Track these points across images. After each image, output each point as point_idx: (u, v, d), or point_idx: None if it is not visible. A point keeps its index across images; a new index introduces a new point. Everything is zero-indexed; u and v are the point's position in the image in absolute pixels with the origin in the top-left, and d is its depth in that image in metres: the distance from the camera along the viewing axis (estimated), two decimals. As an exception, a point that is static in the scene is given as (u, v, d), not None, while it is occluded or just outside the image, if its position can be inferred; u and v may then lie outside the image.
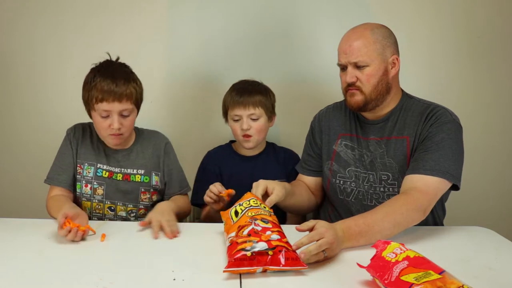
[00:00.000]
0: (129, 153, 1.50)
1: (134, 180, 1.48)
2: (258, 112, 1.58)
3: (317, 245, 0.99)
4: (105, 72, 1.38)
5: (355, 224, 1.11)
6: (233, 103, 1.58)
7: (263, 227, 1.00)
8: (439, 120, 1.29)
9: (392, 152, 1.35)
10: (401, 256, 0.88)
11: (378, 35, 1.31)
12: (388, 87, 1.34)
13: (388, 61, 1.33)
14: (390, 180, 1.35)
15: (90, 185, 1.46)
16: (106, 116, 1.37)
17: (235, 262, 0.92)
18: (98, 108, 1.36)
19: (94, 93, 1.35)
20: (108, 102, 1.35)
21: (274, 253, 0.93)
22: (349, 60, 1.31)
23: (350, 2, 1.90)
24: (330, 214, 1.50)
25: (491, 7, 1.88)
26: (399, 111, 1.38)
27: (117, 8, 1.94)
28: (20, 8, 1.96)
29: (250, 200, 1.13)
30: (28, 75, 2.00)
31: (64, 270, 0.99)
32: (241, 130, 1.58)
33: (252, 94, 1.58)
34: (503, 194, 1.98)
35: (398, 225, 1.14)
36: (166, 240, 1.19)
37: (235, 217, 1.09)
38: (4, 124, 2.04)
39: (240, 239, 0.98)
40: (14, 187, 2.03)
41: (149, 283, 0.93)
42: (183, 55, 1.96)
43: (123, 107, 1.37)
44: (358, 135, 1.43)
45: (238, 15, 1.93)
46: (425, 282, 0.79)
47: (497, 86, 1.93)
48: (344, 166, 1.43)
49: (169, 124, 1.98)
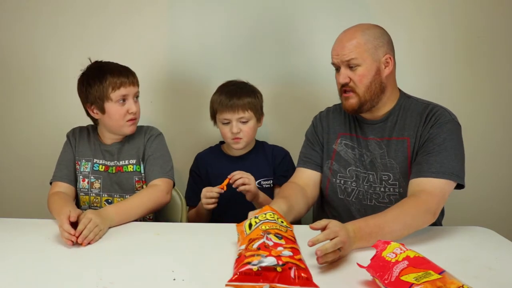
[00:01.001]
0: (122, 145, 1.54)
1: (127, 170, 1.51)
2: (247, 115, 1.57)
3: (332, 243, 1.00)
4: (108, 68, 1.47)
5: (366, 225, 1.12)
6: (222, 107, 1.57)
7: (275, 243, 0.93)
8: (439, 121, 1.30)
9: (393, 153, 1.35)
10: (401, 256, 0.88)
11: (369, 36, 1.33)
12: (382, 87, 1.35)
13: (380, 60, 1.33)
14: (391, 181, 1.36)
15: (87, 179, 1.51)
16: (123, 100, 1.46)
17: (239, 277, 0.86)
18: (116, 96, 1.44)
19: (109, 84, 1.43)
20: (125, 87, 1.45)
21: (283, 269, 0.86)
22: (341, 60, 1.33)
23: (351, 2, 1.90)
24: (329, 215, 1.49)
25: (491, 7, 1.88)
26: (398, 111, 1.38)
27: (117, 8, 1.94)
28: (20, 8, 1.96)
29: (267, 213, 1.07)
30: (28, 75, 2.00)
31: (64, 270, 0.99)
32: (231, 134, 1.57)
33: (241, 97, 1.57)
34: (503, 194, 1.98)
35: (408, 227, 1.16)
36: (166, 240, 1.20)
37: (248, 230, 1.04)
38: (4, 124, 2.04)
39: (249, 252, 0.92)
40: (14, 187, 2.03)
41: (149, 283, 0.93)
42: (183, 55, 1.96)
43: (136, 90, 1.50)
44: (357, 135, 1.43)
45: (238, 15, 1.93)
46: (425, 282, 0.79)
47: (497, 86, 1.93)
48: (344, 165, 1.43)
49: (169, 124, 1.98)
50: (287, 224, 1.05)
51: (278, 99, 1.94)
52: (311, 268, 0.90)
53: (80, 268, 1.00)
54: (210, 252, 1.10)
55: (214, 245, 1.15)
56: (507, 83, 1.93)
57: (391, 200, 1.36)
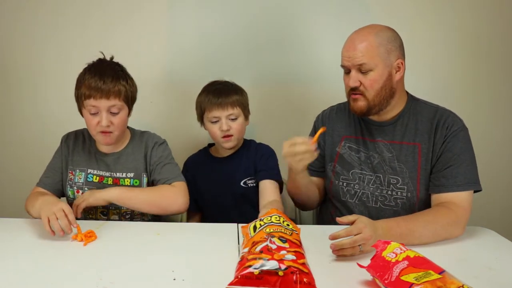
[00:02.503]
0: (119, 157, 1.48)
1: (123, 184, 1.45)
2: (236, 112, 1.57)
3: (352, 240, 1.02)
4: (94, 69, 1.39)
5: (397, 225, 1.14)
6: (210, 104, 1.56)
7: (278, 246, 0.93)
8: (452, 130, 1.30)
9: (403, 157, 1.34)
10: (401, 256, 0.88)
11: (383, 39, 1.28)
12: (392, 92, 1.32)
13: (392, 65, 1.30)
14: (399, 184, 1.35)
15: (81, 191, 1.46)
16: (95, 113, 1.37)
17: (240, 280, 0.86)
18: (87, 105, 1.36)
19: (83, 90, 1.36)
20: (95, 99, 1.34)
21: (285, 273, 0.85)
22: (353, 63, 1.29)
23: (351, 2, 1.90)
24: (333, 214, 1.49)
25: (492, 8, 1.88)
26: (407, 115, 1.37)
27: (117, 8, 1.94)
28: (20, 8, 1.96)
29: (272, 216, 1.06)
30: (28, 75, 2.00)
31: (64, 270, 0.99)
32: (220, 132, 1.56)
33: (229, 95, 1.57)
34: (503, 194, 1.98)
35: (437, 236, 1.18)
36: (166, 240, 1.20)
37: (253, 232, 1.03)
38: (4, 124, 2.04)
39: (251, 255, 0.91)
40: (14, 187, 2.03)
41: (149, 283, 0.93)
42: (183, 55, 1.96)
43: (110, 103, 1.36)
44: (364, 137, 1.41)
45: (238, 15, 1.93)
46: (425, 282, 0.79)
47: (498, 86, 1.93)
48: (347, 168, 1.42)
49: (168, 124, 1.98)
50: (293, 227, 1.05)
51: (278, 99, 1.95)
52: (315, 272, 0.90)
53: (80, 268, 1.00)
54: (210, 252, 1.10)
55: (214, 245, 1.15)
56: (508, 83, 1.93)
57: (397, 203, 1.35)
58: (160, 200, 1.39)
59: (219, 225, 1.33)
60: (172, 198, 1.39)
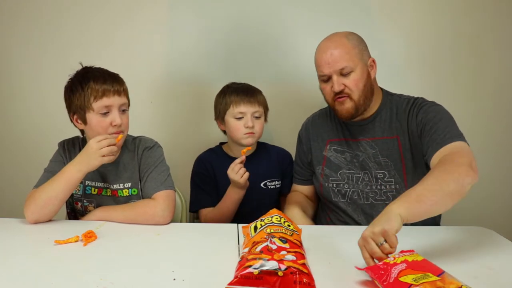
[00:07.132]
0: (116, 167, 1.43)
1: (122, 195, 1.43)
2: (261, 111, 1.60)
3: (365, 253, 0.96)
4: (92, 74, 1.35)
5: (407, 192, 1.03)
6: (238, 100, 1.57)
7: (279, 246, 0.92)
8: (422, 106, 1.35)
9: (386, 151, 1.38)
10: (399, 259, 0.88)
11: (354, 41, 1.35)
12: (372, 89, 1.38)
13: (367, 64, 1.37)
14: (386, 178, 1.38)
15: (80, 203, 1.44)
16: (106, 112, 1.33)
17: (239, 280, 0.86)
18: (98, 106, 1.32)
19: (91, 92, 1.32)
20: (108, 97, 1.32)
21: (284, 274, 0.85)
22: (334, 69, 1.33)
23: (350, 3, 1.90)
24: (329, 214, 1.50)
25: (490, 7, 1.88)
26: (384, 110, 1.41)
27: (117, 8, 1.94)
28: (19, 8, 1.96)
29: (273, 216, 1.06)
30: (28, 75, 2.00)
31: (64, 270, 0.99)
32: (245, 128, 1.57)
33: (255, 93, 1.61)
34: (503, 194, 1.98)
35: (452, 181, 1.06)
36: (166, 240, 1.20)
37: (253, 232, 1.03)
38: (4, 124, 2.04)
39: (251, 255, 0.91)
40: (14, 187, 2.03)
41: (149, 283, 0.93)
42: (183, 55, 1.96)
43: (122, 101, 1.35)
44: (346, 138, 1.45)
45: (238, 16, 1.93)
46: (424, 282, 0.79)
47: (497, 86, 1.93)
48: (335, 169, 1.45)
49: (168, 124, 1.98)
50: (294, 227, 1.04)
51: (277, 99, 1.94)
52: (315, 273, 0.90)
53: (80, 268, 1.00)
54: (210, 252, 1.10)
55: (214, 245, 1.15)
56: (507, 83, 1.93)
57: (388, 196, 1.37)
58: (137, 219, 1.32)
59: (219, 225, 1.33)
60: (149, 214, 1.31)
